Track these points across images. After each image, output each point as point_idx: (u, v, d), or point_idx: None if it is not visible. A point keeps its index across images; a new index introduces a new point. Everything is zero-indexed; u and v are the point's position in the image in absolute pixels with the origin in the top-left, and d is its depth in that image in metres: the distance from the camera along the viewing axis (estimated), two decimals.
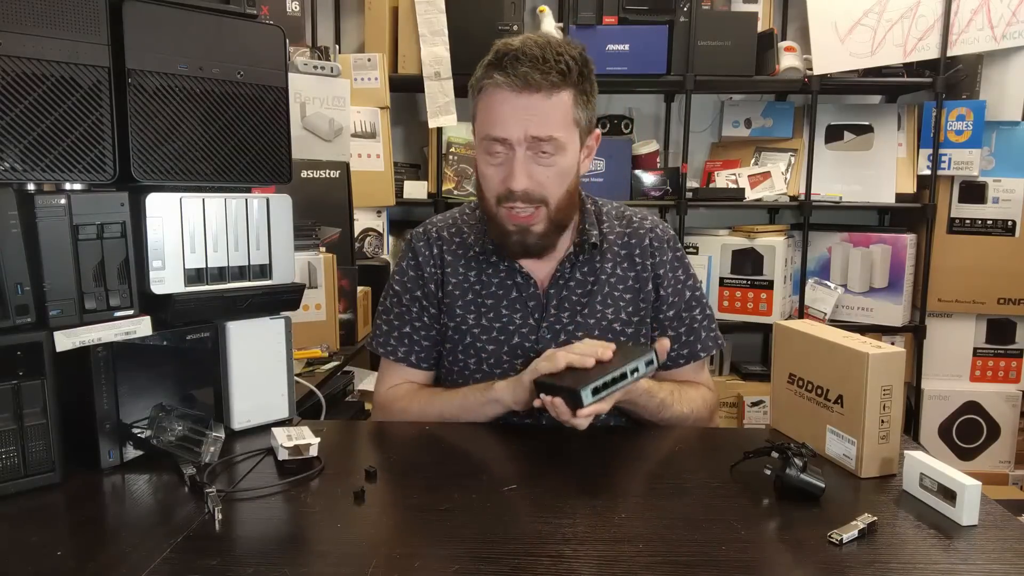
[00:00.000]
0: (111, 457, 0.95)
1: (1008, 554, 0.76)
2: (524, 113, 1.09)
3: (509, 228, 1.16)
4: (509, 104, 1.10)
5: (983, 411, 2.65)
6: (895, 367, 0.95)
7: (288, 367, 1.14)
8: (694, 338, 1.27)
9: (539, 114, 1.10)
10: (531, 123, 1.09)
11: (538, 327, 1.21)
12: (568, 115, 1.12)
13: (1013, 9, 2.41)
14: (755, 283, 2.58)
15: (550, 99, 1.10)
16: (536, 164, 1.12)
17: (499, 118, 1.11)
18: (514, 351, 1.21)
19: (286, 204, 1.09)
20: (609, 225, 1.28)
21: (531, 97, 1.09)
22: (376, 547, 0.76)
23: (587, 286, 1.23)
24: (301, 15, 2.35)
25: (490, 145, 1.13)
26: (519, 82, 1.08)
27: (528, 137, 1.10)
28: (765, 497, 0.89)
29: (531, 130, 1.09)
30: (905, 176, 2.61)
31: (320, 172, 2.11)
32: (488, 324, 1.22)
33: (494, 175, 1.15)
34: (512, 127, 1.10)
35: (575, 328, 1.21)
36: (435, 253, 1.26)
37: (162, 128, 0.97)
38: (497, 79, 1.09)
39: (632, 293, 1.25)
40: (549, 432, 1.14)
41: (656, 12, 2.46)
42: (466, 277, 1.24)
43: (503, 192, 1.14)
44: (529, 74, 1.07)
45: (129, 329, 0.95)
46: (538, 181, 1.13)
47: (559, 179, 1.14)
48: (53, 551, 0.75)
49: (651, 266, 1.26)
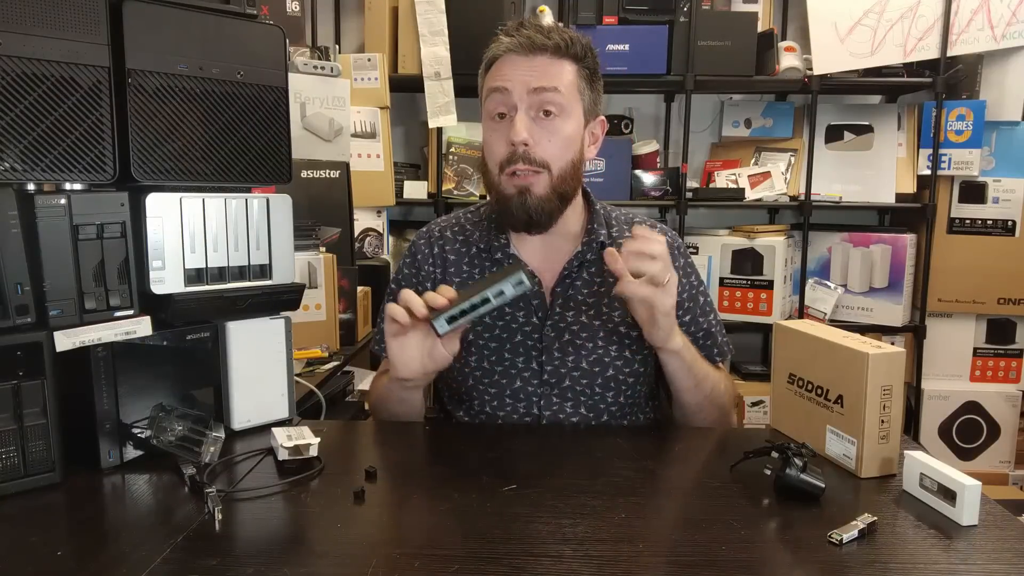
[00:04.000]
0: (111, 457, 0.95)
1: (1008, 554, 0.76)
2: (527, 69, 1.11)
3: (509, 192, 1.14)
4: (513, 63, 1.13)
5: (983, 411, 2.65)
6: (895, 367, 0.95)
7: (288, 367, 1.14)
8: (711, 342, 1.28)
9: (541, 69, 1.12)
10: (533, 77, 1.11)
11: (542, 325, 1.20)
12: (572, 84, 1.13)
13: (1013, 9, 2.41)
14: (755, 283, 2.58)
15: (553, 61, 1.12)
16: (538, 125, 1.12)
17: (505, 73, 1.13)
18: (516, 349, 1.20)
19: (286, 204, 1.09)
20: (618, 229, 1.27)
21: (535, 57, 1.12)
22: (376, 547, 0.76)
23: (593, 287, 1.22)
24: (301, 15, 2.35)
25: (493, 105, 1.14)
26: (523, 42, 1.11)
27: (530, 89, 1.10)
28: (765, 497, 0.89)
29: (533, 82, 1.10)
30: (905, 176, 2.61)
31: (320, 172, 2.11)
32: (491, 322, 1.21)
33: (496, 139, 1.14)
34: (515, 80, 1.11)
35: (579, 328, 1.20)
36: (435, 252, 1.26)
37: (162, 128, 0.97)
38: (502, 41, 1.13)
39: None
40: (549, 432, 1.14)
41: (656, 12, 2.47)
42: (470, 275, 1.24)
43: (504, 156, 1.13)
44: (533, 36, 1.11)
45: (129, 329, 0.95)
46: (538, 141, 1.12)
47: (562, 145, 1.13)
48: (53, 551, 0.75)
49: None
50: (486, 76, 1.17)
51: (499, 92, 1.12)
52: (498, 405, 1.20)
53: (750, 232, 2.59)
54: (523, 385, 1.19)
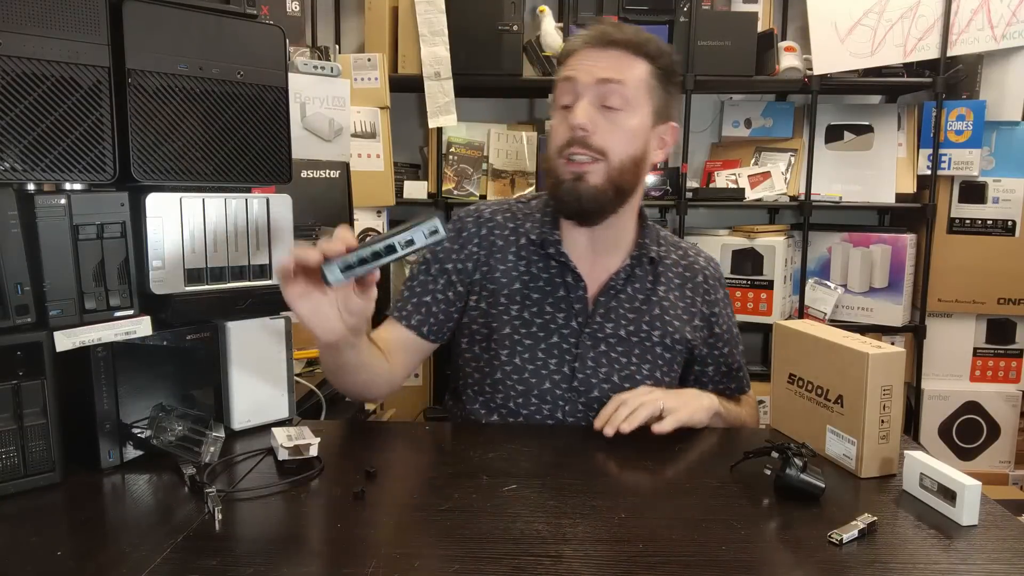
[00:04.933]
0: (111, 457, 0.95)
1: (1008, 554, 0.76)
2: (597, 59, 1.12)
3: (564, 177, 1.13)
4: (584, 55, 1.13)
5: (983, 411, 2.65)
6: (895, 367, 0.95)
7: (288, 367, 1.14)
8: (743, 373, 1.31)
9: (611, 61, 1.12)
10: (600, 67, 1.11)
11: (580, 332, 1.18)
12: (641, 82, 1.13)
13: (1013, 9, 2.41)
14: (755, 283, 2.58)
15: (624, 56, 1.12)
16: (600, 114, 1.12)
17: (572, 65, 1.14)
18: (550, 350, 1.18)
19: (286, 204, 1.09)
20: (666, 248, 1.26)
21: (608, 51, 1.12)
22: (376, 547, 0.76)
23: (636, 303, 1.21)
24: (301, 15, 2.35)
25: (560, 94, 1.15)
26: (598, 36, 1.13)
27: (596, 80, 1.11)
28: (765, 497, 0.89)
29: (599, 73, 1.11)
30: (905, 176, 2.61)
31: (320, 172, 2.11)
32: (529, 318, 1.19)
33: (559, 125, 1.15)
34: (582, 71, 1.12)
35: (616, 342, 1.19)
36: (483, 234, 1.23)
37: (162, 128, 0.97)
38: (578, 36, 1.15)
39: (680, 322, 1.23)
40: (549, 432, 1.14)
41: (656, 12, 2.46)
42: (515, 266, 1.21)
43: (564, 140, 1.13)
44: (607, 31, 1.13)
45: (129, 329, 0.94)
46: (598, 127, 1.11)
47: (624, 136, 1.12)
48: (53, 551, 0.75)
49: (703, 304, 1.26)
50: (558, 69, 1.18)
51: (567, 81, 1.13)
52: (523, 403, 1.18)
53: (750, 232, 2.59)
54: (551, 388, 1.18)
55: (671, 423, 1.08)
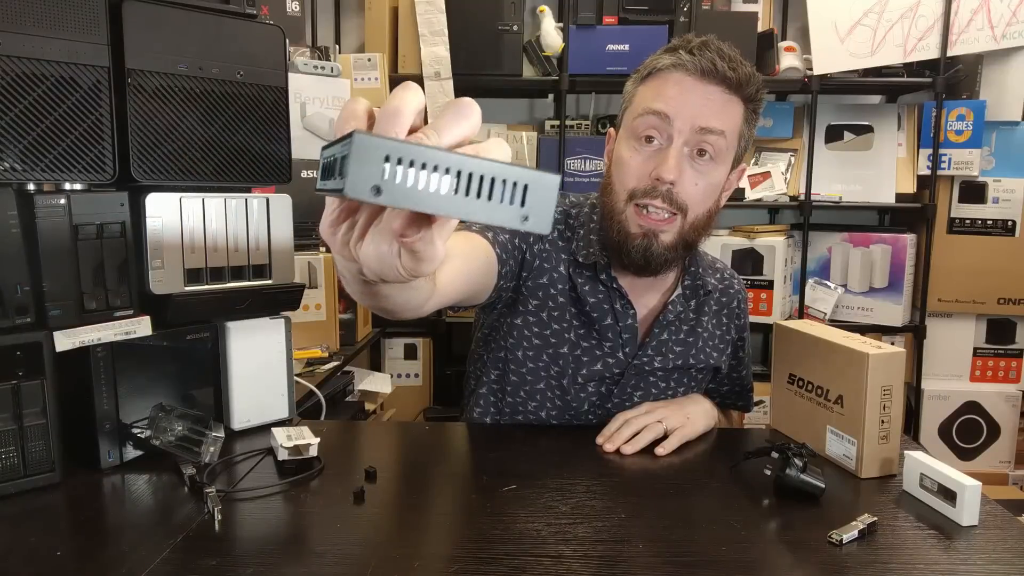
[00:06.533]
0: (111, 457, 0.95)
1: (1008, 554, 0.76)
2: (700, 99, 0.98)
3: (634, 230, 1.02)
4: (686, 85, 0.98)
5: (983, 411, 2.65)
6: (895, 367, 0.95)
7: (288, 367, 1.14)
8: (751, 393, 1.33)
9: (714, 105, 0.98)
10: (704, 112, 0.98)
11: (627, 363, 1.13)
12: (736, 127, 1.01)
13: (1013, 9, 2.41)
14: (755, 283, 2.58)
15: (726, 97, 0.99)
16: (689, 165, 1.00)
17: (671, 95, 0.98)
18: (591, 377, 1.13)
19: (286, 204, 1.09)
20: (708, 272, 1.20)
21: (710, 86, 0.98)
22: (376, 547, 0.76)
23: (682, 334, 1.17)
24: (301, 15, 2.35)
25: (646, 126, 1.00)
26: (705, 65, 0.97)
27: (696, 127, 0.98)
28: (765, 497, 0.89)
29: (701, 120, 0.97)
30: (905, 176, 2.61)
31: None
32: (575, 340, 1.11)
33: (639, 163, 1.01)
34: (683, 108, 0.98)
35: (662, 376, 1.16)
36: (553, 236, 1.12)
37: (162, 128, 0.97)
38: (681, 57, 0.99)
39: (717, 352, 1.21)
40: (549, 432, 1.14)
41: (656, 12, 2.46)
42: (562, 277, 1.11)
43: (643, 186, 1.00)
44: (716, 60, 0.98)
45: (129, 329, 0.94)
46: (684, 182, 0.99)
47: (706, 192, 1.02)
48: (53, 551, 0.75)
49: (735, 329, 1.25)
50: (642, 86, 1.04)
51: (658, 116, 0.99)
52: (557, 415, 1.17)
53: (750, 232, 2.59)
54: (589, 409, 1.16)
55: (676, 442, 1.05)
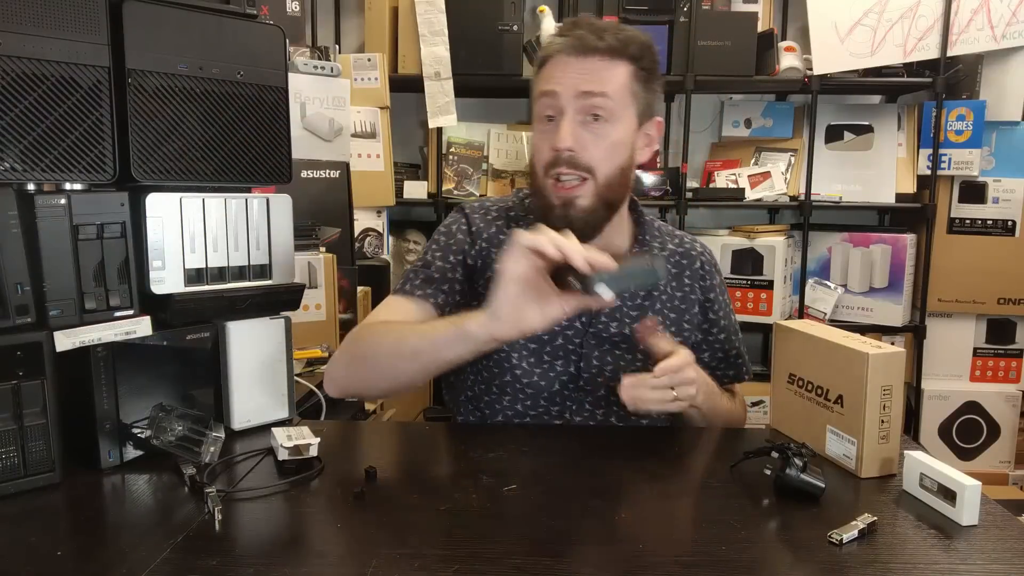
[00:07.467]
0: (111, 457, 0.95)
1: (1008, 554, 0.76)
2: (577, 72, 1.07)
3: (553, 201, 1.10)
4: (564, 63, 1.08)
5: (983, 411, 2.65)
6: (895, 367, 0.95)
7: (288, 367, 1.14)
8: (741, 360, 1.30)
9: (592, 72, 1.07)
10: (583, 80, 1.06)
11: (584, 331, 1.17)
12: (624, 86, 1.09)
13: (1013, 9, 2.41)
14: (755, 283, 2.58)
15: (605, 63, 1.07)
16: (585, 130, 1.08)
17: (555, 75, 1.09)
18: (556, 352, 1.17)
19: (286, 204, 1.09)
20: (662, 239, 1.25)
21: (587, 59, 1.07)
22: (376, 547, 0.76)
23: (638, 299, 1.20)
24: (301, 15, 2.35)
25: (541, 107, 1.10)
26: (575, 43, 1.07)
27: (578, 92, 1.06)
28: (765, 497, 0.89)
29: (581, 85, 1.06)
30: (905, 176, 2.61)
31: (320, 172, 2.11)
32: None
33: (542, 142, 1.11)
34: (563, 82, 1.07)
35: (620, 340, 1.18)
36: (492, 231, 1.20)
37: (162, 128, 0.97)
38: (555, 41, 1.09)
39: (677, 313, 1.23)
40: (549, 432, 1.14)
41: (656, 12, 2.46)
42: None
43: (549, 159, 1.09)
44: (585, 36, 1.07)
45: (129, 329, 0.94)
46: (584, 146, 1.07)
47: (609, 151, 1.09)
48: (53, 551, 0.75)
49: (700, 289, 1.25)
50: (536, 77, 1.14)
51: (548, 96, 1.09)
52: (531, 405, 1.18)
53: (750, 232, 2.59)
54: (560, 389, 1.17)
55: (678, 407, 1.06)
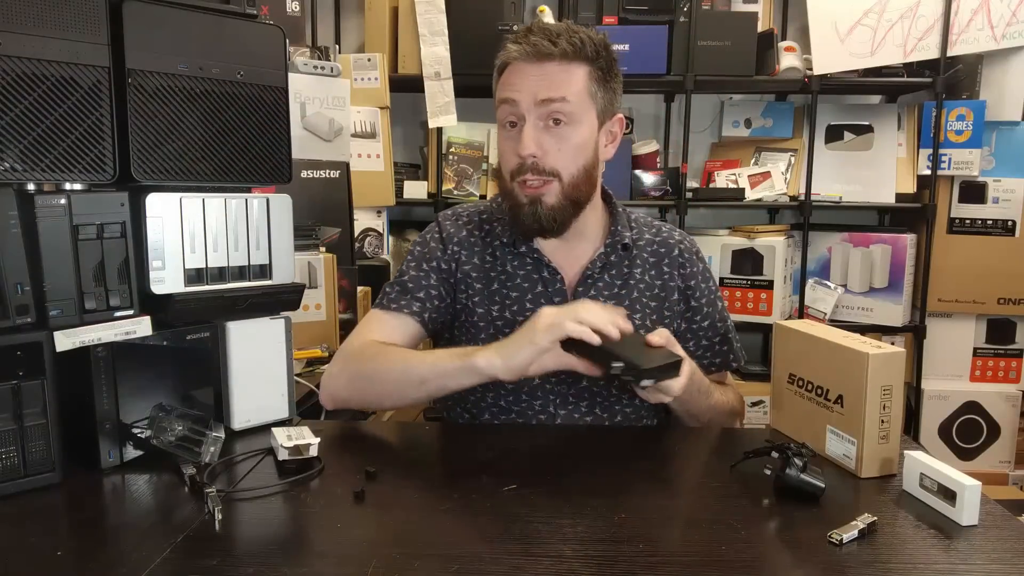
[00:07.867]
0: (111, 457, 0.95)
1: (1008, 554, 0.76)
2: (535, 79, 1.10)
3: (521, 201, 1.14)
4: (521, 71, 1.11)
5: (983, 411, 2.65)
6: (895, 367, 0.95)
7: (288, 367, 1.14)
8: (727, 348, 1.29)
9: (549, 78, 1.10)
10: (541, 87, 1.09)
11: None
12: (582, 88, 1.11)
13: (1013, 9, 2.41)
14: (755, 283, 2.58)
15: (562, 67, 1.10)
16: (547, 134, 1.11)
17: (513, 83, 1.12)
18: None
19: (286, 204, 1.09)
20: (638, 231, 1.27)
21: (543, 65, 1.10)
22: (376, 547, 0.76)
23: (615, 289, 1.22)
24: (301, 15, 2.35)
25: (503, 114, 1.14)
26: (530, 50, 1.09)
27: (537, 100, 1.09)
28: (765, 497, 0.89)
29: (540, 93, 1.09)
30: (905, 176, 2.61)
31: (320, 172, 2.11)
32: (511, 317, 1.19)
33: (507, 148, 1.14)
34: (522, 89, 1.10)
35: None
36: (463, 236, 1.24)
37: (162, 128, 0.97)
38: (510, 50, 1.12)
39: (657, 301, 1.24)
40: (549, 432, 1.14)
41: (656, 12, 2.46)
42: (493, 266, 1.22)
43: (515, 165, 1.12)
44: (540, 42, 1.09)
45: (129, 329, 0.94)
46: (547, 151, 1.11)
47: (573, 153, 1.12)
48: (53, 551, 0.75)
49: (680, 276, 1.26)
50: (497, 85, 1.16)
51: (508, 103, 1.12)
52: (513, 400, 1.18)
53: (750, 232, 2.59)
54: (541, 383, 1.18)
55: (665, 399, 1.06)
